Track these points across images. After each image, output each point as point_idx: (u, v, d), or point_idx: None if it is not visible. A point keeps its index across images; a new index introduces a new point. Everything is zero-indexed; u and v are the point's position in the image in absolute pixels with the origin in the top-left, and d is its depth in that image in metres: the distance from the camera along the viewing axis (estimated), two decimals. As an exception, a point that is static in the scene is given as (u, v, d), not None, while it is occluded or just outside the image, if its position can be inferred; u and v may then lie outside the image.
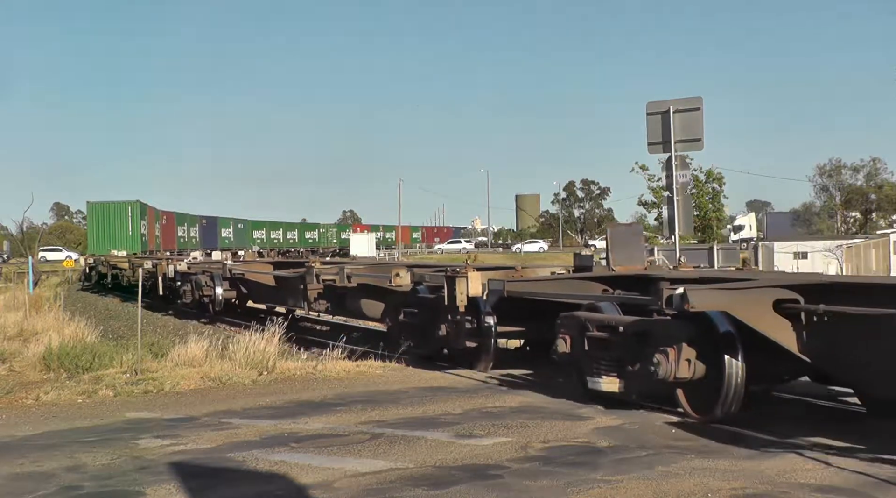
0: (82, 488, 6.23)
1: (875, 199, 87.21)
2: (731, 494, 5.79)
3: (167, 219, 58.26)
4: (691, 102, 16.11)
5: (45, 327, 17.73)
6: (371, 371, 11.60)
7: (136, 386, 10.54)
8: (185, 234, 62.39)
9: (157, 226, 54.18)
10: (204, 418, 8.70)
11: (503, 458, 6.82)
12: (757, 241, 50.96)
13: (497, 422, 8.17)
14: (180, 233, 61.54)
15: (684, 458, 6.71)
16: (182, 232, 62.12)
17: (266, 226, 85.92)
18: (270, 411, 9.02)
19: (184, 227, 62.68)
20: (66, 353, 12.17)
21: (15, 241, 73.57)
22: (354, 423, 8.29)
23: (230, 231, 73.71)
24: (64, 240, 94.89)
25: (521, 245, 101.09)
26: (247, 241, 74.89)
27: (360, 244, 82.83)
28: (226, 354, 12.09)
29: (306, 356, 12.60)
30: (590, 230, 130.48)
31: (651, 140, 16.41)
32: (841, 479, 6.08)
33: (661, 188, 32.66)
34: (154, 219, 53.46)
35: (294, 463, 6.76)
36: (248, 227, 79.96)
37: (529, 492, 5.93)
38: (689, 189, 17.42)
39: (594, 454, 6.90)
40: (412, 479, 6.26)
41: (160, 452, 7.30)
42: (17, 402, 9.94)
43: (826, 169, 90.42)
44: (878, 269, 39.21)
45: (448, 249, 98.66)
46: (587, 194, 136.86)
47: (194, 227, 65.64)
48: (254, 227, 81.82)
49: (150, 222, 52.16)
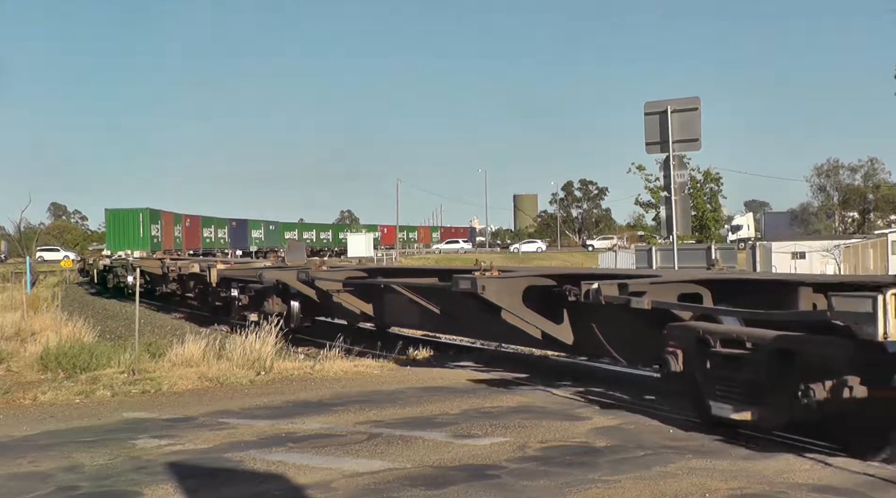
0: (80, 488, 6.22)
1: (873, 200, 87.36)
2: (729, 493, 5.80)
3: (191, 221, 64.16)
4: (689, 102, 16.11)
5: (43, 327, 17.75)
6: (368, 371, 11.60)
7: (133, 386, 10.53)
8: (211, 236, 68.14)
9: (177, 228, 60.13)
10: (201, 418, 8.70)
11: (501, 458, 6.82)
12: (755, 242, 50.96)
13: (495, 422, 8.16)
14: (206, 234, 67.17)
15: (682, 458, 6.71)
16: (208, 233, 67.72)
17: (298, 227, 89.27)
18: (268, 411, 9.02)
19: (210, 228, 68.29)
20: (64, 353, 12.16)
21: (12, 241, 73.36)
22: (352, 423, 8.29)
23: (261, 232, 78.37)
24: (61, 240, 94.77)
25: (519, 245, 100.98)
26: (279, 242, 78.81)
27: (357, 244, 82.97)
28: (223, 353, 12.09)
29: (304, 356, 12.60)
30: (588, 230, 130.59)
31: (649, 140, 16.40)
32: (839, 479, 6.09)
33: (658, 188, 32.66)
34: (172, 222, 59.29)
35: (292, 463, 6.75)
36: (280, 229, 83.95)
37: (527, 492, 5.92)
38: (686, 189, 17.39)
39: (592, 454, 6.90)
40: (410, 479, 6.26)
41: (158, 452, 7.29)
42: (14, 402, 9.92)
43: (824, 169, 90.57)
44: (875, 269, 39.23)
45: (446, 248, 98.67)
46: (585, 194, 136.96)
47: (223, 229, 70.72)
48: (285, 229, 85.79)
49: (167, 225, 57.94)
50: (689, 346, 7.79)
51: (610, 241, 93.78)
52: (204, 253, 58.69)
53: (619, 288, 9.14)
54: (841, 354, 6.56)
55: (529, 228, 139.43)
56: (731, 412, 7.29)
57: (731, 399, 7.30)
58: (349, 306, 15.42)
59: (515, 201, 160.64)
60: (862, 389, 6.45)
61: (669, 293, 9.12)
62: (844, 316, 6.37)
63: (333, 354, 12.11)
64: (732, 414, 7.27)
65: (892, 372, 6.24)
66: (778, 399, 7.00)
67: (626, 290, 9.06)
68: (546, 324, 10.63)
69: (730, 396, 7.32)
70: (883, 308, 6.06)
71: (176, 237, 60.06)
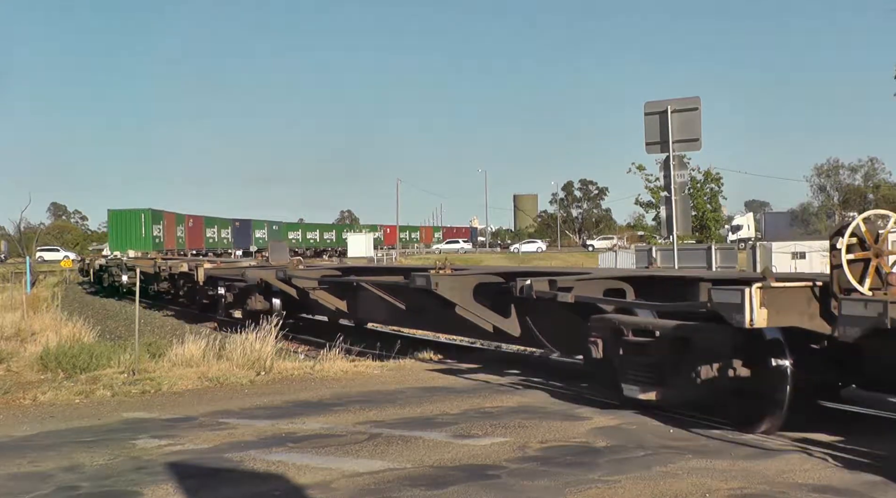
0: (80, 489, 6.22)
1: (873, 199, 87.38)
2: (729, 494, 5.79)
3: (194, 222, 65.00)
4: (689, 102, 16.12)
5: (43, 327, 17.76)
6: (369, 371, 11.60)
7: (133, 386, 10.53)
8: (214, 236, 68.90)
9: (179, 228, 60.79)
10: (201, 418, 8.70)
11: (501, 458, 6.82)
12: (755, 242, 50.96)
13: (495, 422, 8.17)
14: (209, 234, 67.91)
15: (682, 458, 6.71)
16: (211, 233, 68.49)
17: (302, 227, 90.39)
18: (268, 411, 9.02)
19: (213, 228, 69.06)
20: (64, 353, 12.16)
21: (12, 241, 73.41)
22: (352, 423, 8.29)
23: (264, 232, 79.00)
24: (61, 240, 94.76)
25: (519, 245, 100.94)
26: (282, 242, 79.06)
27: (357, 244, 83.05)
28: (223, 353, 12.09)
29: (304, 356, 12.60)
30: (588, 230, 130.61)
31: (649, 140, 16.42)
32: (839, 479, 6.09)
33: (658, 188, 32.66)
34: (174, 222, 60.07)
35: (292, 463, 6.75)
36: (284, 229, 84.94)
37: (527, 492, 5.92)
38: (686, 189, 17.40)
39: (592, 454, 6.90)
40: (410, 479, 6.26)
41: (157, 452, 7.29)
42: (14, 402, 9.92)
43: (824, 169, 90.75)
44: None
45: (446, 248, 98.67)
46: (585, 194, 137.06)
47: (226, 229, 71.67)
48: (289, 229, 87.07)
49: (170, 225, 58.73)
50: (608, 335, 8.84)
51: (610, 242, 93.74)
52: (206, 253, 59.49)
53: (549, 284, 10.04)
54: (725, 340, 7.53)
55: (529, 228, 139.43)
56: (638, 393, 8.34)
57: (640, 382, 8.33)
58: (325, 303, 16.17)
59: (515, 201, 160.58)
60: (745, 370, 7.51)
61: (595, 289, 10.20)
62: (721, 307, 7.29)
63: (333, 354, 12.11)
64: (640, 394, 8.32)
65: (768, 354, 7.39)
66: (677, 381, 8.01)
67: (556, 285, 9.96)
68: (496, 318, 11.62)
69: (638, 379, 8.35)
70: (749, 299, 7.03)
71: (178, 237, 60.91)
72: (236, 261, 34.19)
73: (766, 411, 7.49)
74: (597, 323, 9.02)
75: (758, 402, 7.53)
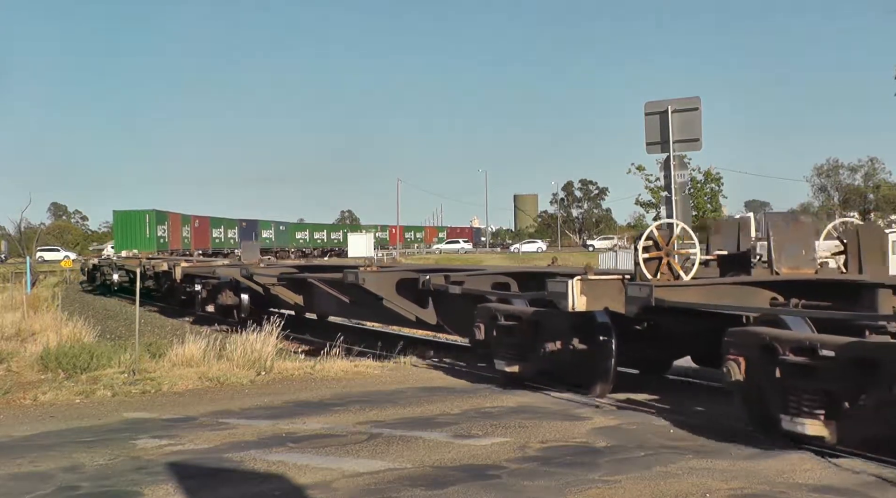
0: (80, 488, 6.23)
1: (873, 199, 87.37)
2: (729, 494, 5.80)
3: (200, 222, 65.62)
4: (690, 102, 16.08)
5: (43, 327, 17.75)
6: (369, 371, 11.60)
7: (133, 386, 10.53)
8: (221, 236, 69.72)
9: (185, 229, 61.49)
10: (202, 418, 8.70)
11: (501, 458, 6.82)
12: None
13: (495, 422, 8.17)
14: (216, 234, 68.65)
15: (682, 458, 6.71)
16: (218, 234, 69.20)
17: (310, 228, 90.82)
18: (268, 411, 9.02)
19: (220, 229, 69.87)
20: (64, 353, 12.16)
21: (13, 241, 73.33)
22: (352, 423, 8.29)
23: (271, 232, 79.62)
24: (62, 240, 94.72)
25: (519, 245, 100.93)
26: (289, 243, 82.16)
27: (357, 244, 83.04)
28: (223, 353, 12.08)
29: (304, 356, 12.61)
30: (588, 230, 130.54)
31: (649, 140, 16.37)
32: (839, 479, 6.09)
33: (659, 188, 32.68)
34: (180, 223, 60.69)
35: (292, 463, 6.75)
36: (291, 229, 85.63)
37: (527, 492, 5.92)
38: (687, 189, 17.40)
39: (592, 454, 6.90)
40: (410, 479, 6.26)
41: (158, 452, 7.30)
42: (14, 402, 9.93)
43: (824, 169, 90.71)
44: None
45: (446, 249, 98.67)
46: (585, 194, 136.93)
47: (232, 230, 72.11)
48: (296, 229, 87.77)
49: (175, 226, 59.21)
50: (487, 320, 10.60)
51: (611, 242, 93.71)
52: (213, 253, 60.09)
53: (444, 278, 12.36)
54: (566, 322, 9.56)
55: (530, 228, 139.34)
56: (505, 366, 10.25)
57: (507, 357, 10.24)
58: (285, 298, 17.83)
59: (516, 201, 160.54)
60: (581, 346, 9.42)
61: (484, 283, 12.34)
62: (554, 295, 9.53)
63: (333, 353, 12.11)
64: (506, 368, 10.22)
65: (598, 333, 9.30)
66: (533, 356, 10.02)
67: (449, 279, 12.32)
68: (416, 309, 13.54)
69: (506, 355, 10.25)
70: (572, 289, 9.31)
71: (184, 238, 61.25)
72: (212, 260, 36.61)
73: (598, 379, 9.33)
74: (480, 311, 10.82)
75: (591, 371, 9.36)
